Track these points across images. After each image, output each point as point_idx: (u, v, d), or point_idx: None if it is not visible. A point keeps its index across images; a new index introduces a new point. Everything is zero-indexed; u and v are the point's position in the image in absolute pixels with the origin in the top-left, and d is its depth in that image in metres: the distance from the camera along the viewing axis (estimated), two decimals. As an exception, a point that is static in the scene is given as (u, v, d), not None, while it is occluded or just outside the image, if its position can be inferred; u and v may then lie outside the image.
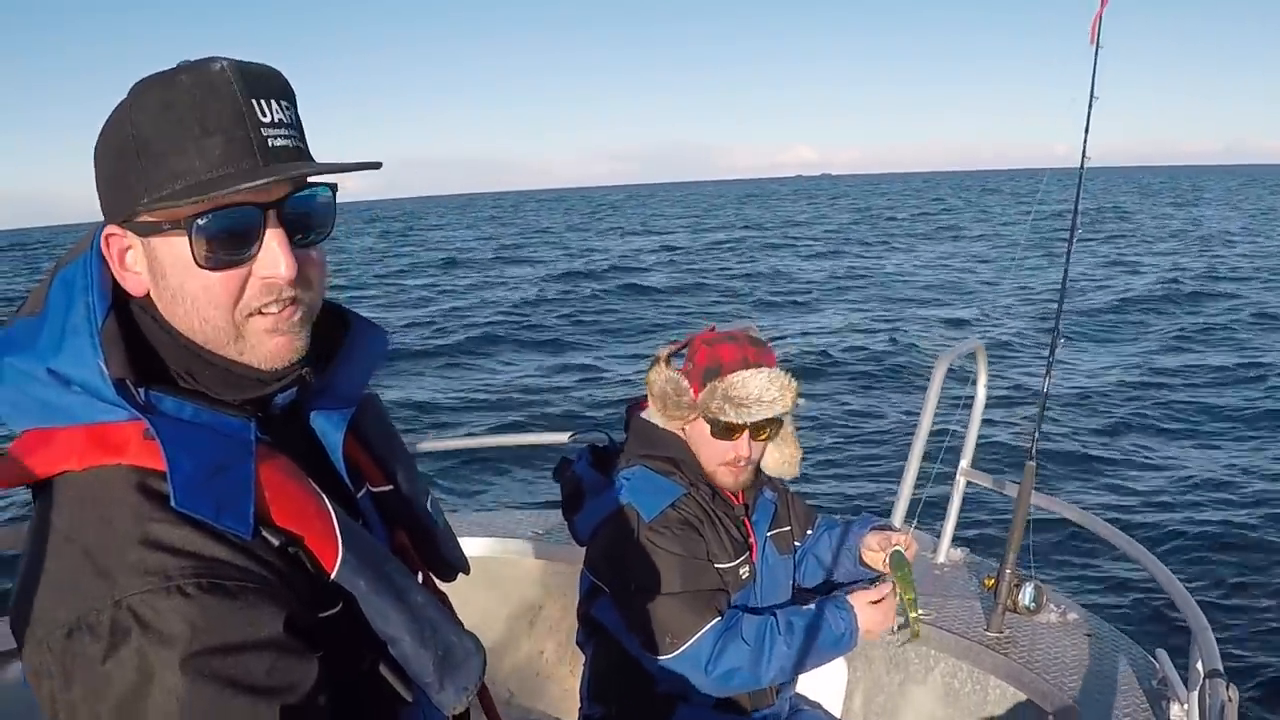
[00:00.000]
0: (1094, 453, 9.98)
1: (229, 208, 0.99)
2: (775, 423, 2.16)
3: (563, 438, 3.57)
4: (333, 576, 1.04)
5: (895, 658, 3.03)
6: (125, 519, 0.94)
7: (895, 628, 2.19)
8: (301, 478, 1.06)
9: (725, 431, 2.12)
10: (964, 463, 3.40)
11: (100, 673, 0.89)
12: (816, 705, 2.55)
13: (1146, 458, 9.88)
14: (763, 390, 2.08)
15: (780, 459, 2.31)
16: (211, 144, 0.98)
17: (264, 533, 0.99)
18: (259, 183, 0.98)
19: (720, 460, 2.16)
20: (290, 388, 1.10)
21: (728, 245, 39.36)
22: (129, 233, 1.03)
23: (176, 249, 1.01)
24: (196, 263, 1.00)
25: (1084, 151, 3.30)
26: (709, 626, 2.02)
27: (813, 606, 2.16)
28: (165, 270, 1.02)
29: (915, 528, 2.81)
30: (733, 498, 2.24)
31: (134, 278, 1.05)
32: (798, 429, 2.36)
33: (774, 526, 2.32)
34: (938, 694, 2.95)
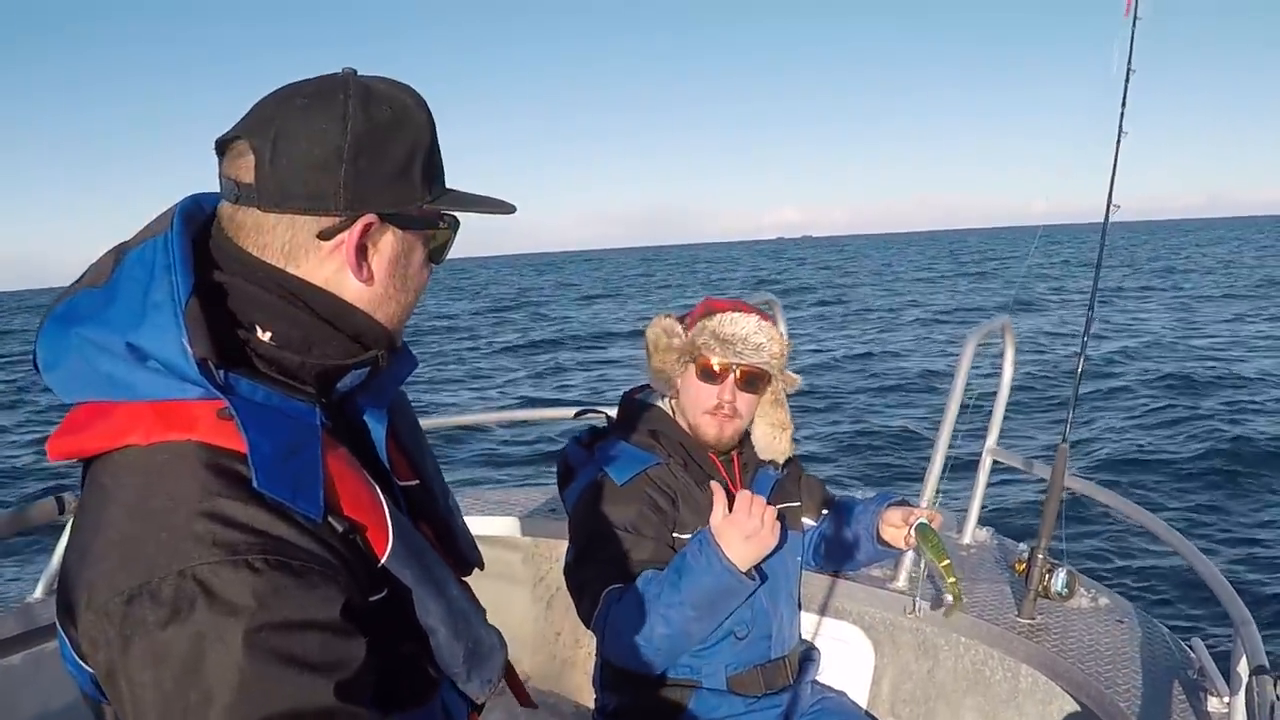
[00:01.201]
0: (1127, 435, 9.85)
1: (456, 218, 1.20)
2: (763, 376, 2.17)
3: (569, 413, 3.54)
4: (383, 563, 1.08)
5: (924, 643, 2.97)
6: (194, 493, 0.96)
7: (928, 605, 2.12)
8: (357, 466, 1.11)
9: (710, 374, 2.13)
10: (990, 441, 3.33)
11: (161, 638, 0.89)
12: (842, 693, 2.50)
13: (1182, 444, 9.75)
14: (750, 331, 2.12)
15: (770, 432, 2.28)
16: (441, 161, 1.18)
17: (330, 518, 1.02)
18: (509, 211, 1.20)
19: (705, 407, 2.16)
20: (366, 366, 1.16)
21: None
22: (387, 224, 1.12)
23: (423, 243, 1.17)
24: (430, 257, 1.19)
25: (1120, 125, 3.21)
26: (609, 588, 2.01)
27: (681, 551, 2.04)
28: (410, 260, 1.16)
29: (944, 509, 2.74)
30: (720, 467, 2.22)
31: (368, 266, 1.12)
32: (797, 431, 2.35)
33: (779, 500, 2.24)
34: (968, 681, 2.88)
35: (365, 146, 1.08)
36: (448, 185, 1.19)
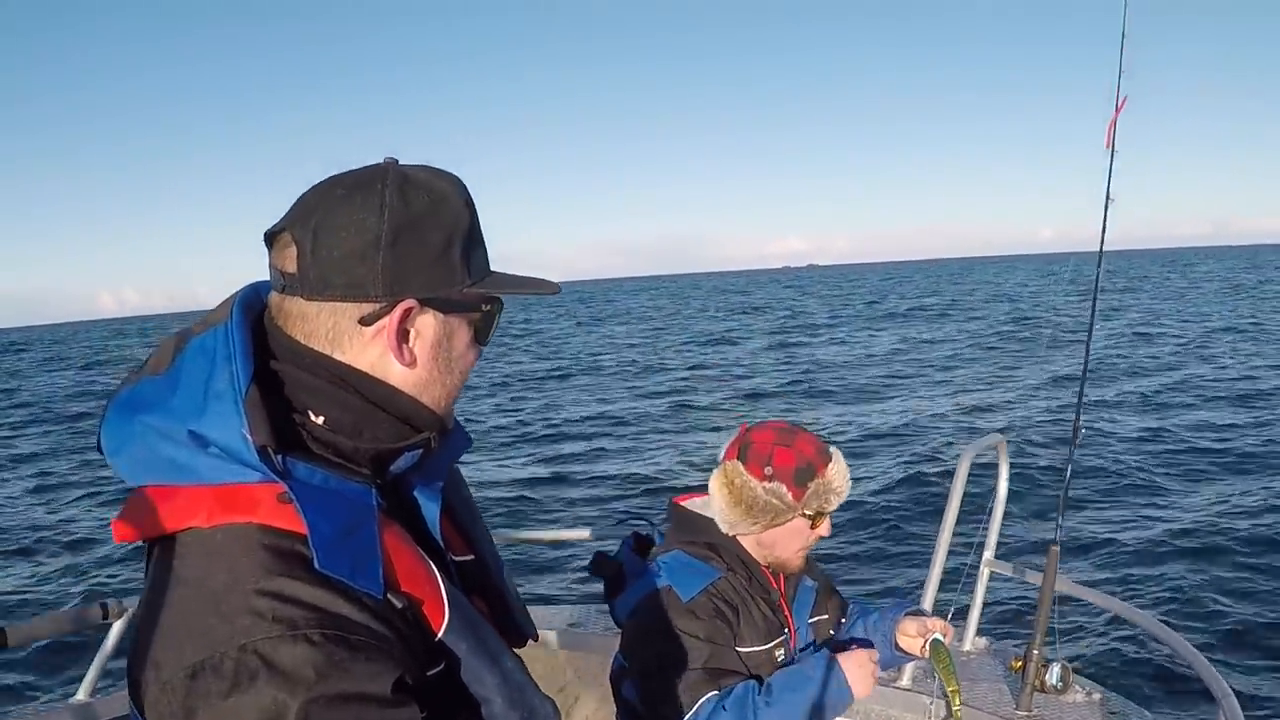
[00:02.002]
0: (1115, 523, 10.06)
1: (499, 300, 1.22)
2: None
3: (586, 534, 3.71)
4: (439, 637, 1.10)
5: None
6: (255, 571, 0.99)
7: (938, 719, 2.24)
8: (412, 544, 1.13)
9: (820, 519, 2.21)
10: (988, 554, 3.53)
11: (222, 710, 0.93)
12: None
13: (1166, 525, 9.98)
14: (847, 476, 2.22)
15: None
16: (483, 244, 1.20)
17: (388, 594, 1.04)
18: (554, 292, 1.25)
19: (803, 545, 2.24)
20: (418, 448, 1.18)
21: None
22: (427, 308, 1.14)
23: (468, 325, 1.19)
24: (477, 339, 1.21)
25: (1100, 253, 3.48)
26: (704, 699, 2.06)
27: (792, 665, 2.20)
28: (454, 343, 1.18)
29: (947, 617, 2.91)
30: (772, 581, 2.29)
31: (409, 350, 1.14)
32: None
33: (815, 614, 2.37)
34: None
35: (403, 233, 1.09)
36: (492, 268, 1.21)
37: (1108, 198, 3.42)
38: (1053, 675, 3.06)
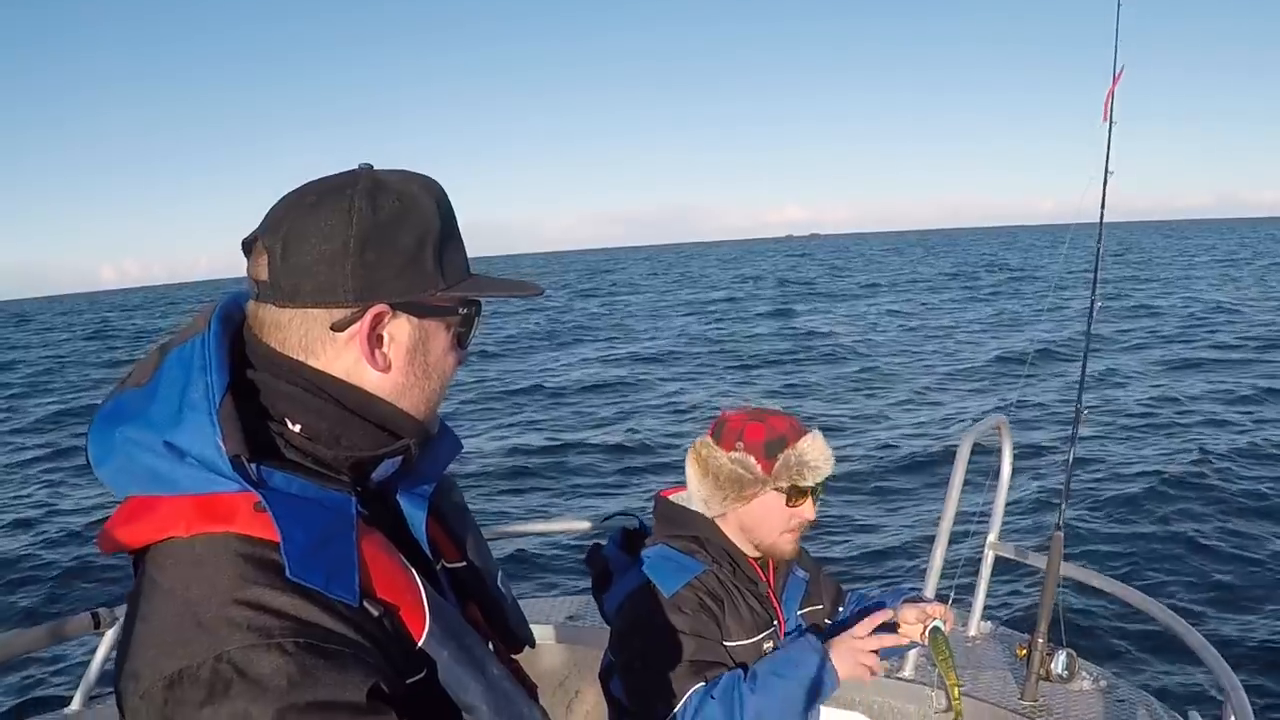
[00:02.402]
0: (1120, 515, 10.01)
1: (478, 302, 1.21)
2: (823, 485, 2.25)
3: (585, 525, 3.66)
4: (420, 645, 1.10)
5: None
6: (231, 581, 1.00)
7: (937, 709, 2.20)
8: (393, 551, 1.13)
9: (798, 496, 2.19)
10: (992, 536, 3.48)
11: (198, 718, 0.93)
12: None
13: (1175, 520, 9.91)
14: (824, 451, 2.20)
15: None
16: (463, 250, 1.21)
17: (364, 602, 1.05)
18: (537, 295, 1.25)
19: (785, 527, 2.21)
20: (398, 455, 1.19)
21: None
22: (400, 313, 1.14)
23: (446, 329, 1.19)
24: (459, 342, 1.21)
25: (1101, 225, 3.43)
26: (690, 692, 2.04)
27: (777, 651, 2.18)
28: (430, 347, 1.18)
29: (945, 602, 2.87)
30: (759, 573, 2.28)
31: (382, 355, 1.14)
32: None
33: (806, 605, 2.36)
34: None
35: (372, 239, 1.10)
36: (472, 271, 1.22)
37: (1106, 170, 3.36)
38: (1058, 663, 3.00)
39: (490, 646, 1.33)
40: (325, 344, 1.12)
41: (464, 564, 1.34)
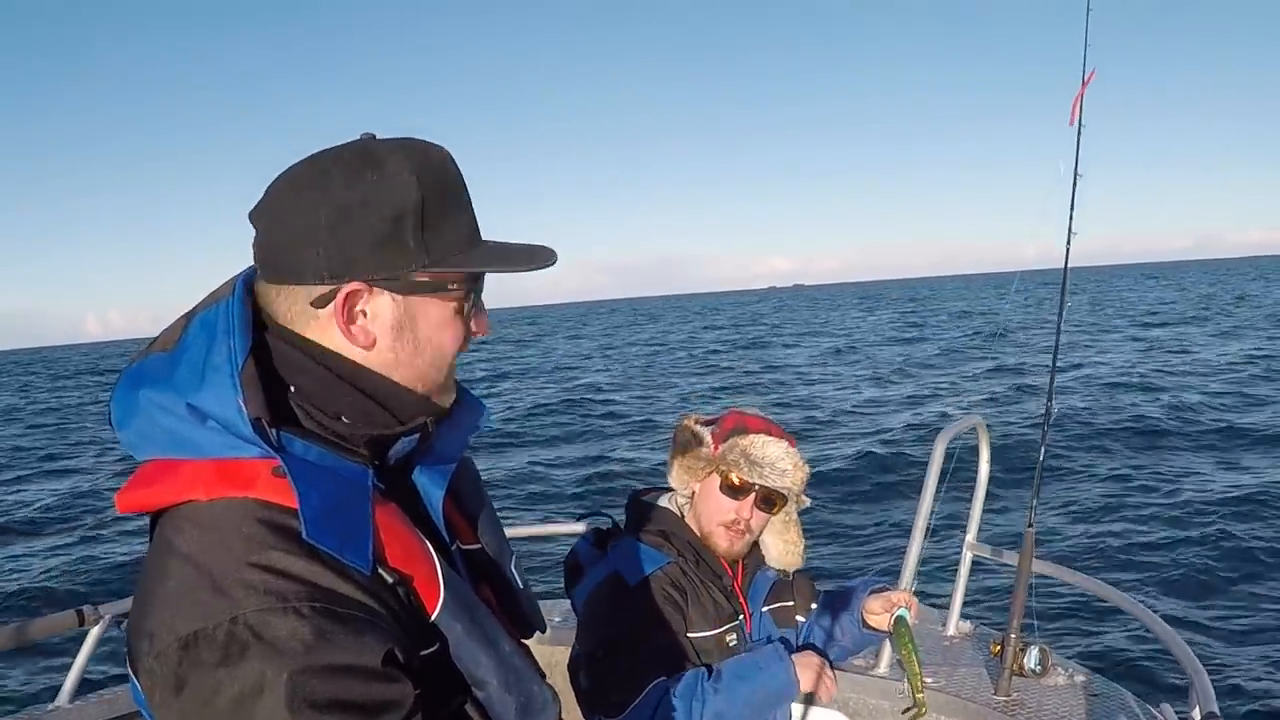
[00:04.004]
0: (1093, 510, 10.13)
1: (479, 276, 1.19)
2: (781, 499, 2.26)
3: (579, 528, 3.66)
4: (433, 618, 1.11)
5: None
6: (249, 545, 1.00)
7: (902, 709, 2.21)
8: (409, 524, 1.14)
9: (733, 490, 2.21)
10: (969, 536, 3.50)
11: (212, 679, 0.94)
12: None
13: (1141, 506, 10.05)
14: (778, 458, 2.21)
15: (783, 548, 2.38)
16: (466, 219, 1.17)
17: (379, 570, 1.06)
18: (544, 265, 1.19)
19: (721, 519, 2.24)
20: (414, 433, 1.19)
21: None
22: (379, 290, 1.12)
23: (439, 305, 1.16)
24: (461, 318, 1.18)
25: (1070, 226, 3.46)
26: (652, 684, 2.05)
27: (744, 654, 2.20)
28: (418, 324, 1.15)
29: (924, 603, 2.88)
30: (726, 567, 2.30)
31: (361, 331, 1.13)
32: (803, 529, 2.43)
33: (773, 600, 2.38)
34: None
35: (345, 215, 1.08)
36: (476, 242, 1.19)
37: (1076, 174, 3.39)
38: (1031, 659, 3.03)
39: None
40: (309, 320, 1.12)
41: (478, 546, 1.33)
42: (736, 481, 2.21)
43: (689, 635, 2.18)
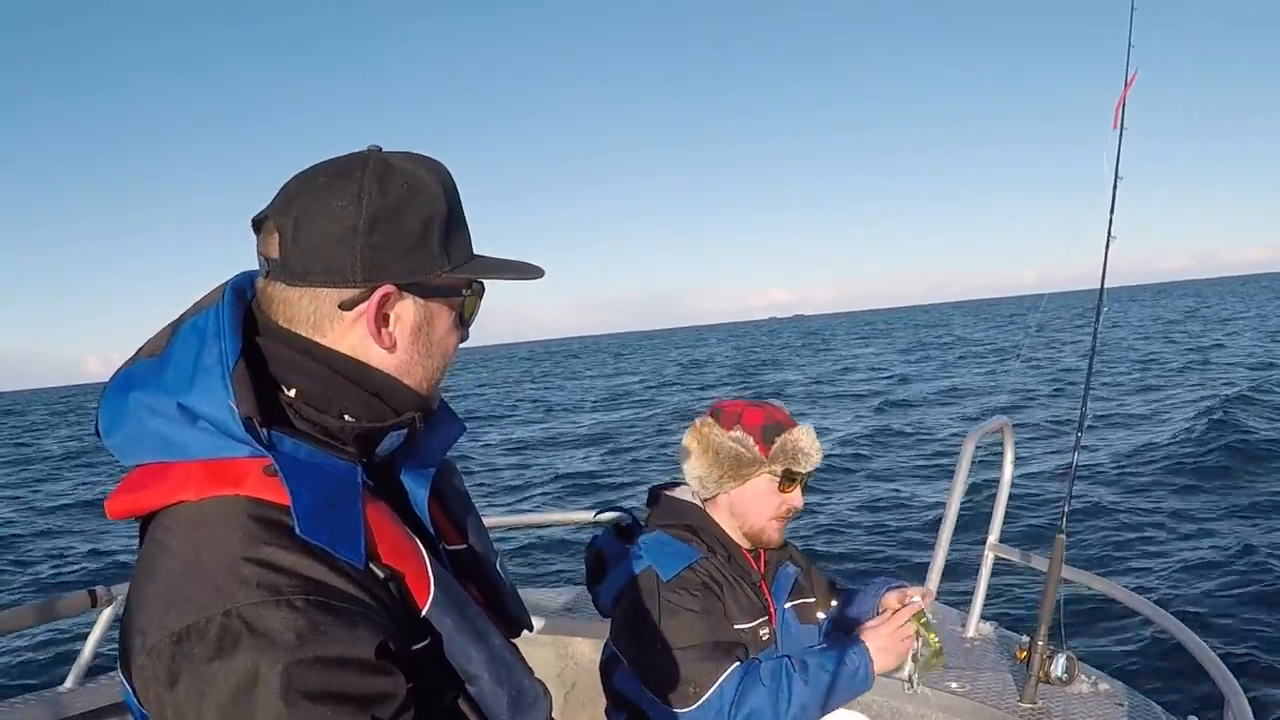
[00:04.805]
0: (1123, 519, 10.00)
1: (481, 284, 1.25)
2: (810, 475, 2.35)
3: (586, 516, 3.65)
4: (424, 613, 1.13)
5: None
6: (240, 541, 1.01)
7: (912, 677, 2.21)
8: (398, 521, 1.17)
9: (789, 482, 2.27)
10: (992, 538, 3.46)
11: (206, 673, 0.94)
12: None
13: (1176, 524, 9.90)
14: (814, 443, 2.30)
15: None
16: (468, 232, 1.24)
17: (371, 565, 1.07)
18: (538, 276, 1.27)
19: (774, 513, 2.30)
20: (403, 428, 1.21)
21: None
22: (406, 293, 1.18)
23: (450, 310, 1.23)
24: (463, 321, 1.25)
25: (1109, 228, 3.40)
26: (729, 671, 2.07)
27: (826, 645, 2.24)
28: (434, 326, 1.22)
29: (947, 603, 2.86)
30: (752, 563, 2.33)
31: (389, 334, 1.18)
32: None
33: (795, 597, 2.40)
34: None
35: (380, 220, 1.13)
36: (475, 253, 1.25)
37: (1116, 176, 3.33)
38: (1058, 666, 2.98)
39: None
40: (333, 322, 1.15)
41: (464, 547, 1.36)
42: (794, 476, 2.27)
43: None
